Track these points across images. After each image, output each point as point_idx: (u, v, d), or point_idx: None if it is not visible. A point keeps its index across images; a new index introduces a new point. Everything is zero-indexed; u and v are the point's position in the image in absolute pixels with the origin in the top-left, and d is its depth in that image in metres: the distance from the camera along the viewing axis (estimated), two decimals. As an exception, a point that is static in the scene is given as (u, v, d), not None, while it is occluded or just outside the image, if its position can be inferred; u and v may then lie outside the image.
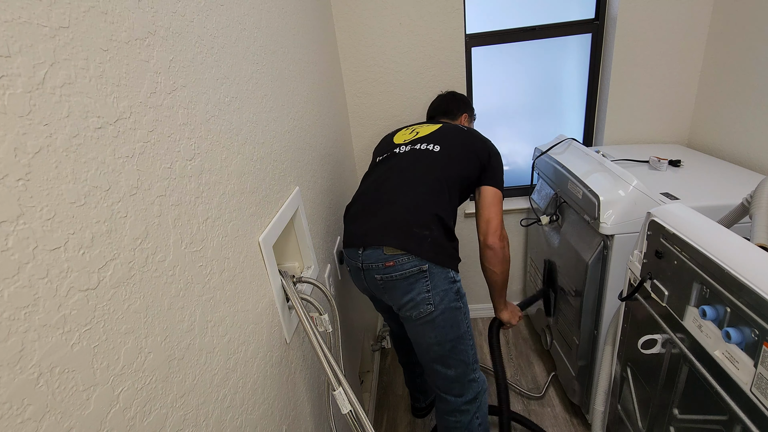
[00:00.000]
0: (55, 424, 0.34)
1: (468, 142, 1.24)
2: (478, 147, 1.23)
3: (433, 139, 1.23)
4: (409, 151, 1.21)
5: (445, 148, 1.20)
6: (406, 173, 1.16)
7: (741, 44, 1.46)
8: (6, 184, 0.31)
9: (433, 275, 1.09)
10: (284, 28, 1.01)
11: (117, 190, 0.42)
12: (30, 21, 0.34)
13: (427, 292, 1.10)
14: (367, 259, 1.11)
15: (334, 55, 1.63)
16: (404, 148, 1.24)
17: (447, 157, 1.18)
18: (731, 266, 0.70)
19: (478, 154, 1.21)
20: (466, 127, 1.32)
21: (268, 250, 0.77)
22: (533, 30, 1.75)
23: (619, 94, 1.74)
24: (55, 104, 0.36)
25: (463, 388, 1.21)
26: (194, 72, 0.58)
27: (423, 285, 1.09)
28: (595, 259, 1.26)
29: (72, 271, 0.36)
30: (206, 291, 0.57)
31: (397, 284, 1.10)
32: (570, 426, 1.58)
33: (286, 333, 0.83)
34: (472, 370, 1.21)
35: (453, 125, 1.30)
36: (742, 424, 0.69)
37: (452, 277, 1.12)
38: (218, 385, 0.58)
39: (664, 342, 0.92)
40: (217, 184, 0.62)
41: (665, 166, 1.45)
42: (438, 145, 1.20)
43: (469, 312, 1.20)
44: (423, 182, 1.14)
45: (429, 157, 1.18)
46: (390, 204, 1.12)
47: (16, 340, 0.31)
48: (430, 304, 1.10)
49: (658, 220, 0.90)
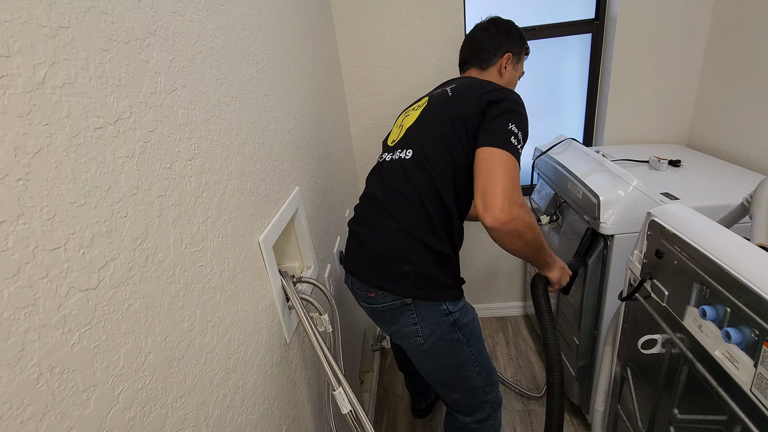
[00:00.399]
0: (55, 424, 0.34)
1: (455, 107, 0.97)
2: (471, 106, 0.95)
3: (408, 138, 1.03)
4: (390, 162, 1.03)
5: (417, 149, 0.99)
6: (389, 192, 0.99)
7: (741, 44, 1.46)
8: (6, 184, 0.31)
9: (419, 309, 0.97)
10: (284, 28, 1.01)
11: (117, 190, 0.42)
12: (30, 21, 0.34)
13: (414, 324, 0.99)
14: (354, 284, 1.05)
15: (334, 55, 1.63)
16: (388, 156, 1.06)
17: (418, 163, 0.97)
18: (731, 266, 0.70)
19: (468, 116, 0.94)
20: (474, 80, 1.03)
21: (268, 250, 0.77)
22: (533, 30, 1.75)
23: (619, 94, 1.74)
24: (55, 104, 0.36)
25: (471, 409, 1.12)
26: (194, 72, 0.58)
27: (409, 317, 0.98)
28: (595, 259, 1.26)
29: (72, 271, 0.36)
30: (206, 291, 0.57)
31: (382, 315, 1.02)
32: (570, 426, 1.58)
33: (286, 333, 0.83)
34: (483, 392, 1.10)
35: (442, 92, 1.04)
36: (742, 424, 0.69)
37: (445, 309, 0.98)
38: (218, 385, 0.58)
39: (664, 342, 0.91)
40: (217, 184, 0.62)
41: (665, 166, 1.45)
42: (410, 148, 1.00)
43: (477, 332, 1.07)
44: (403, 202, 0.96)
45: (404, 168, 0.99)
46: (373, 231, 1.00)
47: (16, 340, 0.31)
48: (419, 336, 1.00)
49: (658, 220, 0.90)
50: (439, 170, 0.96)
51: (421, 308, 0.97)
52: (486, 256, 2.13)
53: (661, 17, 1.61)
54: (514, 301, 2.24)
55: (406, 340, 1.02)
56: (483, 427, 1.15)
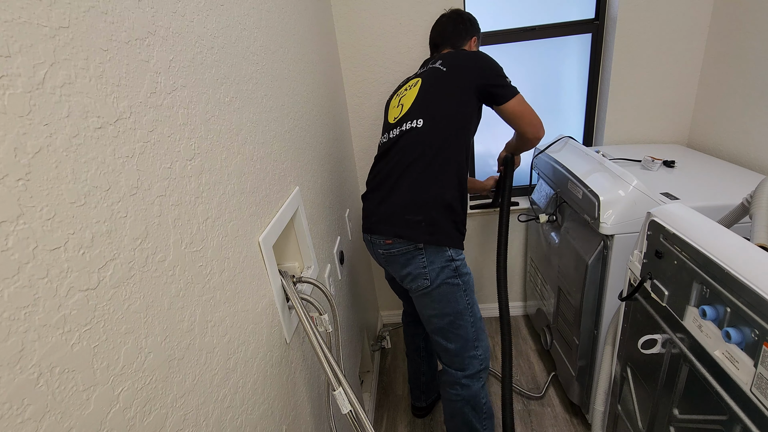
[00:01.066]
0: (55, 424, 0.34)
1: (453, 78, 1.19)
2: (468, 75, 1.19)
3: (416, 109, 1.21)
4: (399, 135, 1.21)
5: (428, 117, 1.18)
6: (401, 162, 1.17)
7: (741, 44, 1.46)
8: (6, 184, 0.31)
9: (429, 253, 1.16)
10: (284, 28, 1.01)
11: (117, 190, 0.42)
12: (30, 21, 0.34)
13: (424, 267, 1.17)
14: (373, 238, 1.23)
15: (334, 55, 1.63)
16: (395, 131, 1.23)
17: (432, 128, 1.17)
18: (731, 266, 0.70)
19: (468, 84, 1.18)
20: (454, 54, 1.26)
21: (268, 250, 0.77)
22: (533, 30, 1.75)
23: (619, 94, 1.74)
24: (55, 104, 0.36)
25: (463, 363, 1.26)
26: (194, 72, 0.58)
27: (420, 261, 1.16)
28: (595, 259, 1.26)
29: (72, 271, 0.36)
30: (206, 291, 0.57)
31: (396, 258, 1.19)
32: (570, 426, 1.58)
33: (286, 333, 0.83)
34: (473, 347, 1.25)
35: (433, 69, 1.24)
36: (742, 424, 0.69)
37: (450, 255, 1.16)
38: (218, 385, 0.58)
39: (664, 342, 0.92)
40: (217, 184, 0.62)
41: (657, 166, 1.45)
42: (420, 117, 1.18)
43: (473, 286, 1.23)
44: (417, 167, 1.15)
45: (417, 136, 1.17)
46: (388, 195, 1.18)
47: (16, 340, 0.31)
48: (426, 279, 1.17)
49: (658, 220, 0.90)
50: (449, 131, 1.17)
51: (430, 253, 1.15)
52: (486, 257, 2.13)
53: (661, 17, 1.61)
54: (514, 301, 2.24)
55: (414, 283, 1.20)
56: (474, 384, 1.28)
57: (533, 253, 1.93)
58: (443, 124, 1.17)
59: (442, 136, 1.16)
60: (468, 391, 1.27)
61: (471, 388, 1.27)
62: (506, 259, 1.41)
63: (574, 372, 1.51)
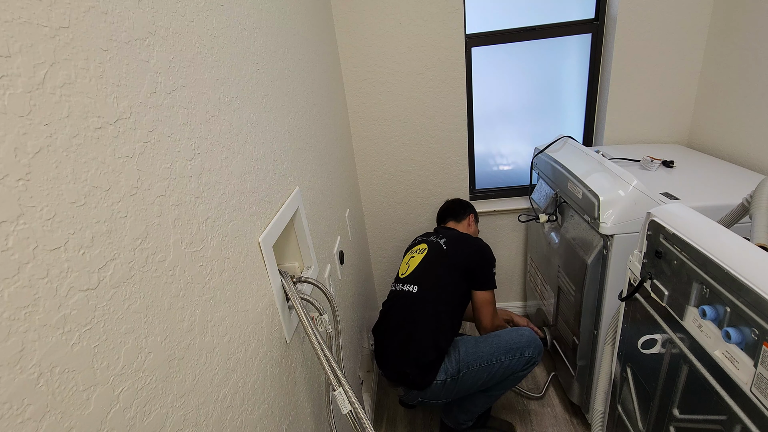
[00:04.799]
0: (55, 424, 0.34)
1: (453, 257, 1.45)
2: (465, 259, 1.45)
3: (416, 275, 1.46)
4: (400, 293, 1.46)
5: (423, 286, 1.42)
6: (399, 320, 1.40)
7: (741, 44, 1.46)
8: (6, 184, 0.31)
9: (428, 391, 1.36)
10: (284, 28, 1.01)
11: (117, 190, 0.42)
12: (30, 21, 0.34)
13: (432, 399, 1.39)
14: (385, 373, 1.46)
15: (334, 55, 1.63)
16: (399, 286, 1.49)
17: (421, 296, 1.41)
18: (731, 266, 0.70)
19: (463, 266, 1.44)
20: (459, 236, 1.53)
21: (268, 250, 0.77)
22: (533, 30, 1.75)
23: (619, 94, 1.74)
24: (55, 104, 0.36)
25: (523, 368, 1.41)
26: (194, 72, 0.58)
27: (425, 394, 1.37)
28: (595, 259, 1.26)
29: (72, 271, 0.36)
30: (206, 291, 0.57)
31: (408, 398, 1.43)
32: (570, 426, 1.58)
33: (286, 333, 0.83)
34: (518, 368, 1.39)
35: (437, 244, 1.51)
36: (742, 424, 0.69)
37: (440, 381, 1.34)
38: (218, 385, 0.58)
39: (664, 342, 0.92)
40: (217, 184, 0.62)
41: (656, 166, 1.44)
42: (416, 284, 1.43)
43: (472, 359, 1.37)
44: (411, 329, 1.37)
45: (411, 299, 1.42)
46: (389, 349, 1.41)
47: (16, 340, 0.31)
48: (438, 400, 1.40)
49: (658, 220, 0.90)
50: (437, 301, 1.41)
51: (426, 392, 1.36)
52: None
53: (661, 17, 1.61)
54: (514, 301, 2.24)
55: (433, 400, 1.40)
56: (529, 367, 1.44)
57: (533, 253, 1.93)
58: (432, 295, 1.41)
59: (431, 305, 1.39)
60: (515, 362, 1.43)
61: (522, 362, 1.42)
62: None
63: (574, 372, 1.51)
